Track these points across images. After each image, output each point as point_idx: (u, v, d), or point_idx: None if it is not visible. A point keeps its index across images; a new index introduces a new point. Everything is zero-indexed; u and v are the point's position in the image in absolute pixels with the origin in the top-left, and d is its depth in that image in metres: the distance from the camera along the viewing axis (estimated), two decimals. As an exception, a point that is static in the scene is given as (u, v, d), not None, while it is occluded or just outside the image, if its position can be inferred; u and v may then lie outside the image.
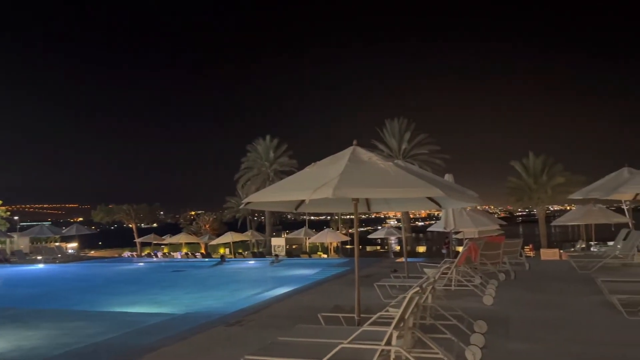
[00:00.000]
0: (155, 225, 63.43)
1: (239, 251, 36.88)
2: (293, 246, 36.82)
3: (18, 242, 30.55)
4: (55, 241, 34.91)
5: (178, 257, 32.75)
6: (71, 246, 36.43)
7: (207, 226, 49.10)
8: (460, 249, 13.48)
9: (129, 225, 52.96)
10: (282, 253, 33.58)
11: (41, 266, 23.46)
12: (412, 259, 14.24)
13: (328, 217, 56.85)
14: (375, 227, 52.41)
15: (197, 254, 35.19)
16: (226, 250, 36.33)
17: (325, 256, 32.58)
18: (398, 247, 45.39)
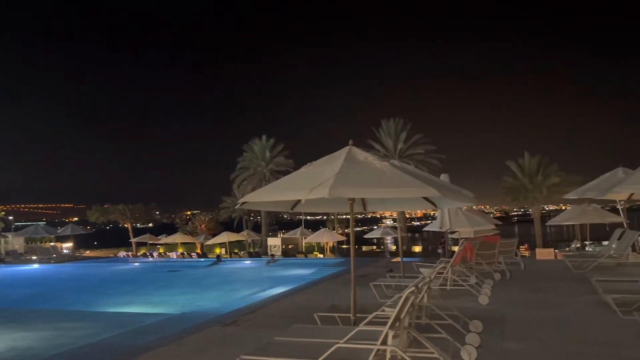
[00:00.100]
0: (150, 225, 63.19)
1: (235, 251, 36.87)
2: (289, 246, 36.82)
3: (13, 242, 30.36)
4: (50, 241, 34.80)
5: (174, 257, 32.66)
6: (66, 246, 36.29)
7: (203, 226, 48.98)
8: (456, 249, 13.54)
9: (125, 225, 52.85)
10: (278, 253, 33.55)
11: (36, 266, 23.35)
12: (408, 259, 14.24)
13: (324, 217, 56.84)
14: (371, 227, 52.54)
15: (193, 254, 35.14)
16: (222, 250, 36.31)
17: (321, 256, 32.60)
18: (394, 247, 45.43)
